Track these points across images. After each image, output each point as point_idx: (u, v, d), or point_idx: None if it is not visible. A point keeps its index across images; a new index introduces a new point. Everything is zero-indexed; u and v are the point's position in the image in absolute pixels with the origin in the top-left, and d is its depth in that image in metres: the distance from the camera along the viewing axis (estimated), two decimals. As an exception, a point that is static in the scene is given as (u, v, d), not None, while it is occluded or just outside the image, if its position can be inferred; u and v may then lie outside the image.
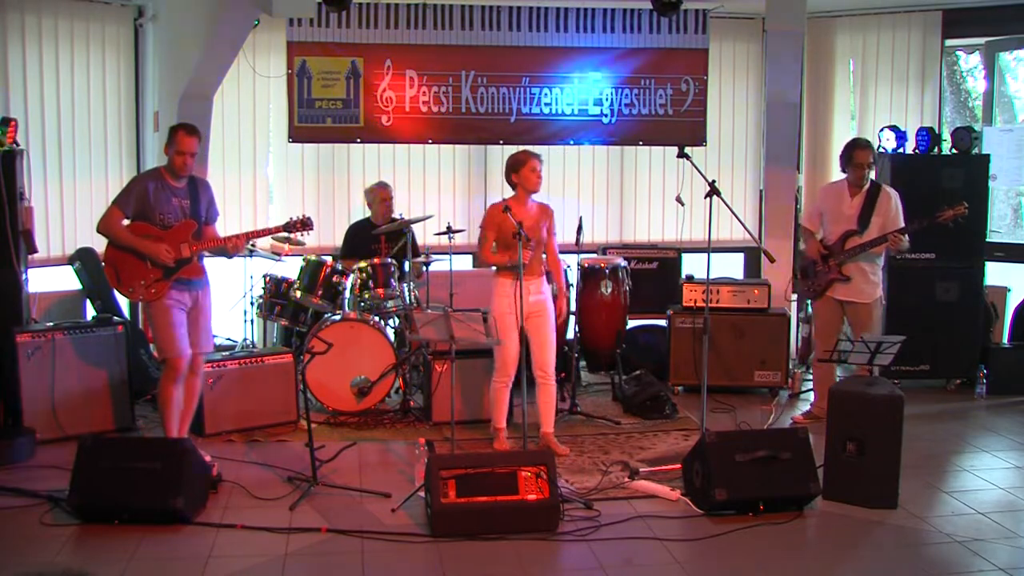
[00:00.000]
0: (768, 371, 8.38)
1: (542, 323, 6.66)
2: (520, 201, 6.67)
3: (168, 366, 6.24)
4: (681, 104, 9.61)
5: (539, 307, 6.66)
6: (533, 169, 6.59)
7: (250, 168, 9.27)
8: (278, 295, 8.11)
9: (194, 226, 6.27)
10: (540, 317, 6.65)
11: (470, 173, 9.74)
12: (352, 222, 9.00)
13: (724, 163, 9.99)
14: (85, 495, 5.48)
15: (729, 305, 8.45)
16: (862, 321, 7.33)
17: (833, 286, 7.41)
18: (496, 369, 6.65)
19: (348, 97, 9.10)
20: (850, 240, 7.32)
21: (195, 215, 6.30)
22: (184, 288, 6.28)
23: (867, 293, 7.32)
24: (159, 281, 6.19)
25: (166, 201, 6.22)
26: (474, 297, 8.32)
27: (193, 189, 6.33)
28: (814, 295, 7.57)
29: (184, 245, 6.22)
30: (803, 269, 7.66)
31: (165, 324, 6.21)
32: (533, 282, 6.61)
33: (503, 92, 9.38)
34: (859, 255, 7.27)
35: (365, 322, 7.69)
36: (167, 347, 6.22)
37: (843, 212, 7.37)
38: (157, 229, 6.19)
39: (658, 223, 10.05)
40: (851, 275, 7.32)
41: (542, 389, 6.75)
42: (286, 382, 7.44)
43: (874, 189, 7.34)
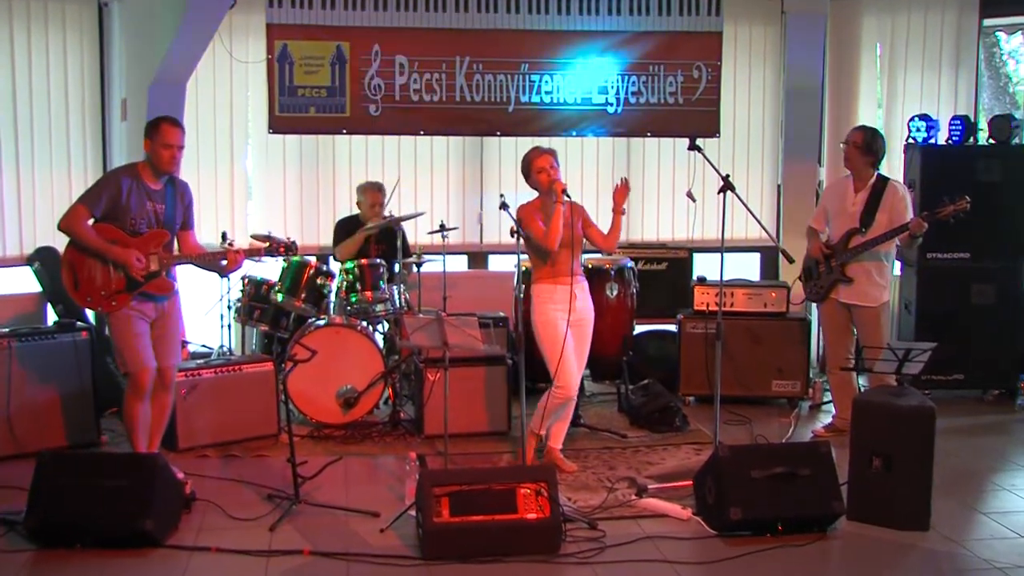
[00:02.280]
0: (786, 380, 8.37)
1: (583, 333, 6.67)
2: (544, 202, 6.66)
3: (132, 380, 6.19)
4: (693, 92, 9.59)
5: (585, 313, 6.68)
6: (540, 169, 6.58)
7: (227, 161, 9.24)
8: (258, 298, 8.09)
9: (166, 236, 6.19)
10: (582, 327, 6.66)
11: (465, 167, 9.73)
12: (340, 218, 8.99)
13: (739, 156, 9.98)
14: (43, 517, 5.43)
15: (744, 309, 8.45)
16: (867, 327, 7.35)
17: (836, 288, 7.43)
18: (555, 386, 6.55)
19: (333, 85, 9.07)
20: (854, 239, 7.34)
21: (168, 223, 6.21)
22: (148, 300, 6.20)
23: (871, 296, 7.33)
24: (121, 293, 6.11)
25: (140, 204, 6.12)
26: (469, 300, 8.34)
27: (171, 192, 6.23)
28: (817, 298, 7.60)
29: (154, 256, 6.14)
30: (807, 270, 7.69)
31: (126, 335, 6.14)
32: (578, 285, 6.60)
33: (500, 79, 9.37)
34: (863, 254, 7.26)
35: (352, 327, 7.69)
36: (129, 360, 6.15)
37: (846, 209, 7.41)
38: (125, 235, 6.10)
39: (668, 221, 10.03)
40: (854, 276, 7.34)
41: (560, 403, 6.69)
42: (266, 392, 7.43)
43: (880, 184, 7.35)
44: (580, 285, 6.62)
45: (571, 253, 6.56)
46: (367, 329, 7.84)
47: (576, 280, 6.57)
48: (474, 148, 9.73)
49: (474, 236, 9.75)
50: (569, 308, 6.45)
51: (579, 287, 6.60)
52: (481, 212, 9.71)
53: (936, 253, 8.39)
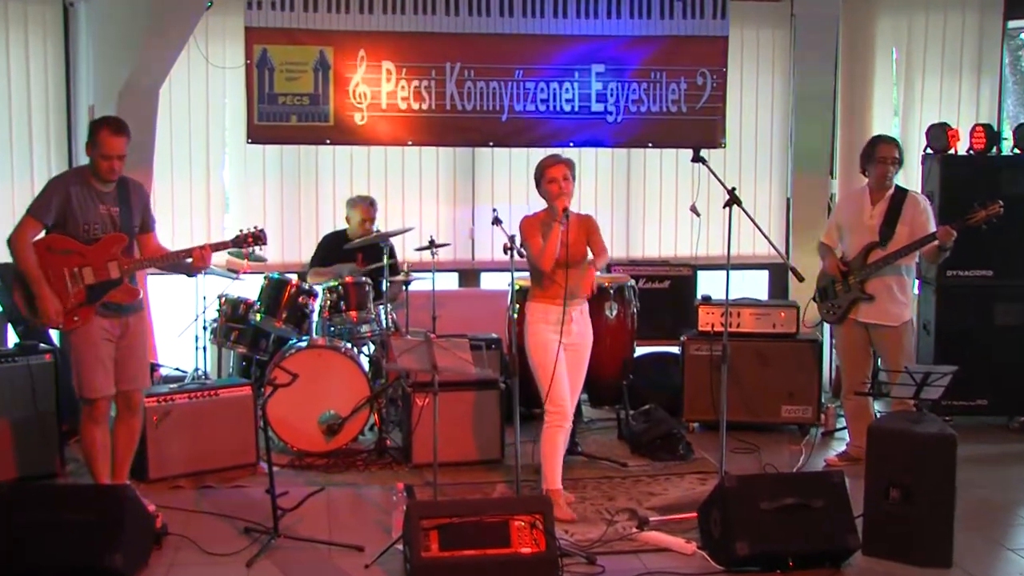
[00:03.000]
0: (797, 405, 8.36)
1: (580, 357, 6.61)
2: (552, 214, 6.55)
3: (87, 406, 6.16)
4: (697, 100, 9.59)
5: (581, 338, 6.61)
6: (551, 179, 6.49)
7: (203, 172, 9.23)
8: (235, 318, 8.08)
9: (124, 240, 6.17)
10: (578, 352, 6.59)
11: (456, 180, 9.72)
12: (324, 233, 9.02)
13: (746, 168, 10.00)
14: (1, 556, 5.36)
15: (752, 330, 8.45)
16: (889, 348, 7.33)
17: (856, 307, 7.41)
18: (547, 411, 6.52)
19: (316, 92, 9.06)
20: (873, 253, 7.33)
21: (126, 226, 6.19)
22: (112, 314, 6.17)
23: (894, 314, 7.31)
24: (82, 306, 6.07)
25: (91, 209, 6.09)
26: (460, 321, 8.30)
27: (124, 193, 6.20)
28: (835, 319, 7.57)
29: (112, 263, 6.11)
30: (822, 290, 7.68)
31: (86, 357, 6.11)
32: (575, 309, 6.53)
33: (493, 87, 9.36)
34: (885, 268, 7.24)
35: (335, 349, 7.69)
36: (86, 384, 6.12)
37: (863, 222, 7.40)
38: (79, 243, 6.07)
39: (670, 236, 10.03)
40: (875, 293, 7.31)
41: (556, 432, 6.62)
42: (244, 419, 7.39)
43: (899, 195, 7.36)
44: (579, 307, 6.57)
45: (569, 273, 6.42)
46: (352, 351, 7.82)
47: (574, 303, 6.50)
48: (465, 159, 9.72)
49: (465, 253, 9.73)
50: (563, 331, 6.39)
51: (577, 309, 6.54)
52: (473, 227, 9.70)
53: (957, 270, 8.36)
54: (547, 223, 6.47)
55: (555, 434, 6.48)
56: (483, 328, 8.15)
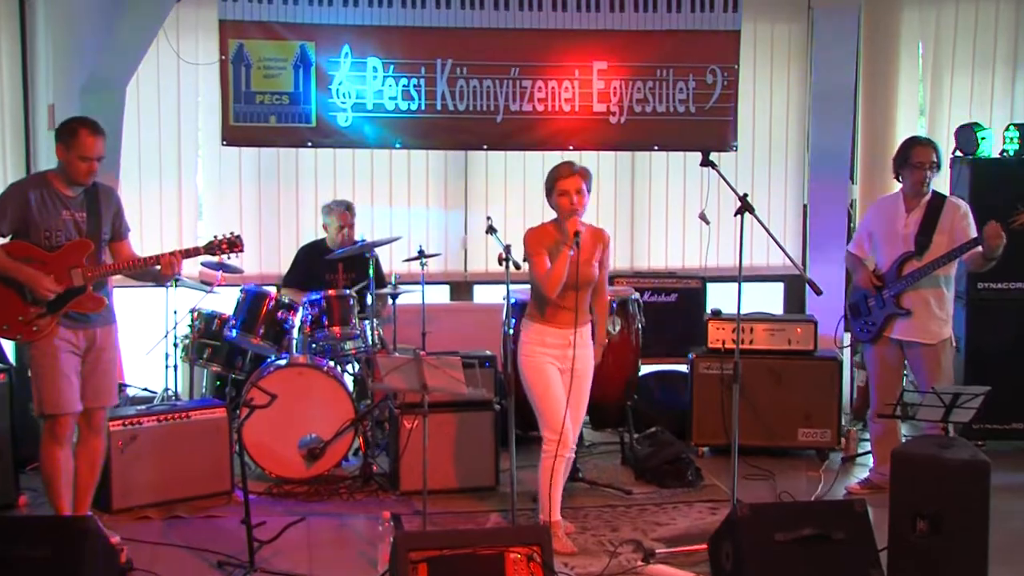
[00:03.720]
0: (815, 428, 8.33)
1: (581, 381, 6.51)
2: (559, 227, 6.44)
3: (49, 425, 6.12)
4: (706, 100, 9.56)
5: (582, 362, 6.48)
6: (563, 192, 6.34)
7: (174, 177, 9.23)
8: (209, 334, 8.08)
9: (90, 247, 6.16)
10: (580, 375, 6.48)
11: (447, 185, 9.73)
12: (303, 244, 9.01)
13: (759, 172, 10.01)
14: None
15: (766, 347, 8.44)
16: (926, 367, 7.30)
17: (892, 323, 7.36)
18: (545, 438, 6.44)
19: (296, 91, 9.04)
20: (907, 264, 7.30)
21: (94, 232, 6.19)
22: (77, 325, 6.15)
23: (931, 331, 7.28)
24: (43, 316, 6.05)
25: (54, 214, 6.09)
26: (452, 337, 8.31)
27: (92, 199, 6.22)
28: (870, 337, 7.52)
29: (76, 271, 6.09)
30: (854, 306, 7.63)
31: (49, 371, 6.07)
32: (579, 331, 6.42)
33: (487, 85, 9.35)
34: (922, 280, 7.21)
35: (317, 368, 7.68)
36: (48, 400, 6.08)
37: (897, 231, 7.37)
38: (40, 250, 6.06)
39: (677, 246, 10.04)
40: (911, 308, 7.28)
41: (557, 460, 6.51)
42: (218, 443, 7.36)
43: (936, 201, 7.32)
44: (582, 331, 6.46)
45: (579, 296, 6.35)
46: (335, 370, 7.82)
47: (579, 330, 6.40)
48: (458, 163, 9.72)
49: (457, 264, 9.74)
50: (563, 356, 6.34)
51: (579, 333, 6.41)
52: (465, 236, 9.73)
53: (988, 283, 8.32)
54: (558, 240, 6.34)
55: (553, 464, 6.41)
56: (476, 345, 8.12)
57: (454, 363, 6.12)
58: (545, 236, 6.40)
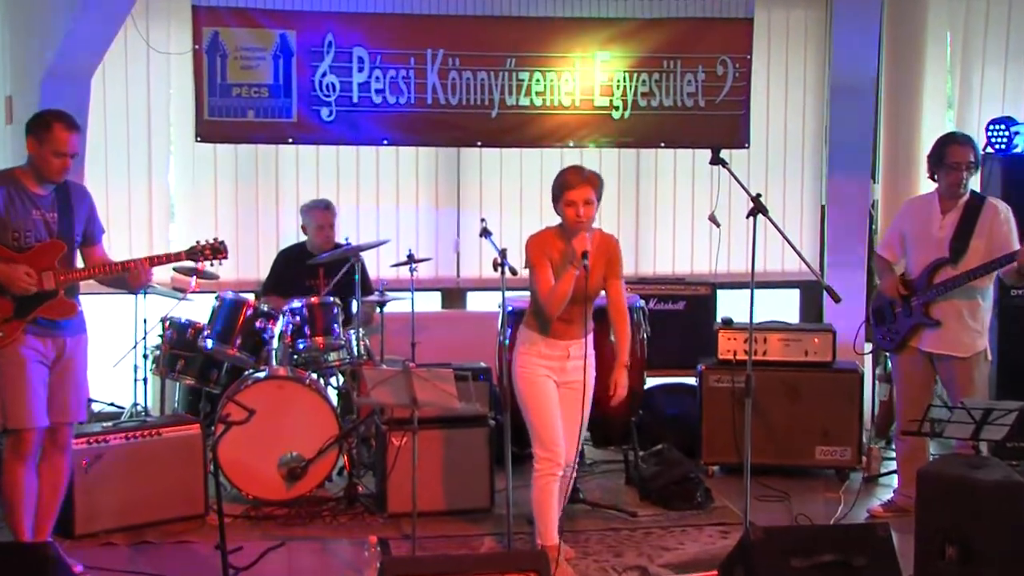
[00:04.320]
0: (834, 446, 8.31)
1: (574, 398, 6.46)
2: (564, 236, 6.39)
3: (13, 440, 6.11)
4: (717, 93, 9.59)
5: (576, 375, 6.44)
6: (570, 203, 6.25)
7: (143, 176, 9.23)
8: (182, 345, 8.07)
9: (62, 248, 6.16)
10: (573, 391, 6.46)
11: (438, 185, 9.75)
12: (282, 248, 9.01)
13: (773, 170, 10.03)
14: None
15: (781, 358, 8.43)
16: (958, 382, 7.27)
17: (918, 334, 7.35)
18: (537, 456, 6.42)
19: (276, 83, 9.06)
20: (940, 271, 7.27)
21: (65, 233, 6.19)
22: (46, 333, 6.14)
23: (964, 344, 7.25)
24: (8, 321, 6.03)
25: (23, 214, 6.09)
26: (443, 347, 8.32)
27: (63, 198, 6.22)
28: (893, 346, 7.51)
29: (48, 273, 6.07)
30: (878, 311, 7.62)
31: (14, 381, 6.04)
32: (572, 344, 6.41)
33: (481, 78, 9.38)
34: (954, 291, 7.19)
35: (299, 381, 7.67)
36: (13, 413, 6.06)
37: (931, 234, 7.34)
38: (9, 251, 6.06)
39: (685, 250, 10.06)
40: (942, 319, 7.25)
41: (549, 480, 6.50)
42: (191, 462, 7.33)
43: (975, 202, 7.30)
44: (578, 344, 6.42)
45: (582, 310, 6.33)
46: (317, 383, 7.81)
47: (580, 341, 6.38)
48: (450, 161, 9.74)
49: (449, 269, 9.75)
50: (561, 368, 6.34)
51: (574, 346, 6.40)
52: (458, 240, 9.74)
53: (1020, 290, 8.31)
54: (563, 250, 6.28)
55: (547, 484, 6.39)
56: (470, 356, 8.13)
57: (445, 376, 6.10)
58: (548, 244, 6.34)
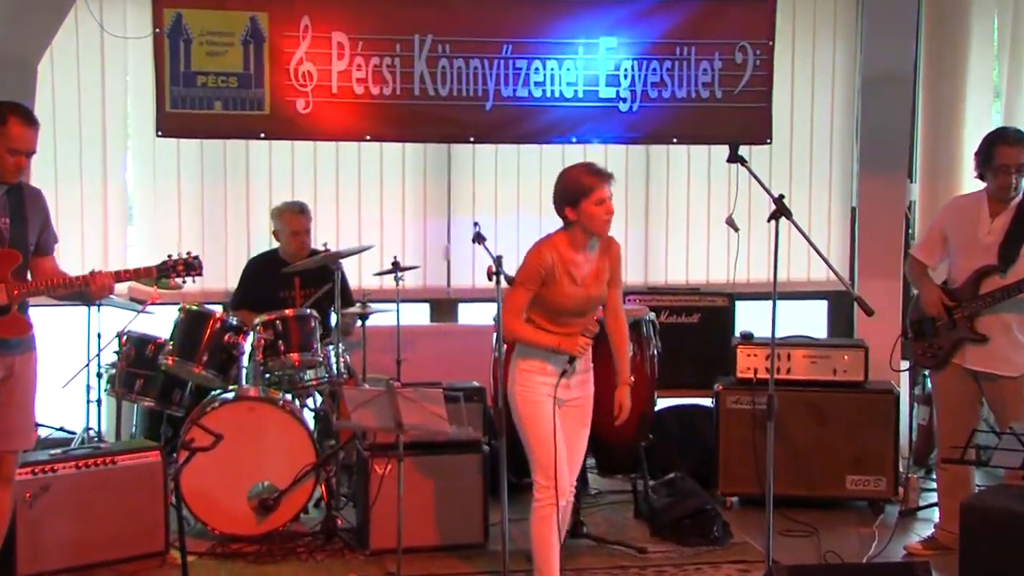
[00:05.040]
0: (867, 475, 8.31)
1: (583, 415, 6.53)
2: (576, 243, 6.37)
3: None
4: (735, 83, 9.56)
5: (582, 393, 6.51)
6: (601, 200, 6.25)
7: (97, 174, 9.25)
8: (140, 363, 8.03)
9: (16, 258, 6.12)
10: (580, 409, 6.51)
11: (427, 185, 9.78)
12: (253, 255, 9.01)
13: (798, 169, 10.08)
14: None
15: (806, 377, 8.45)
16: (1007, 404, 7.26)
17: (962, 350, 7.33)
18: (537, 485, 6.41)
19: (246, 71, 8.99)
20: (987, 281, 7.26)
21: (19, 241, 6.15)
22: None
23: (1013, 362, 7.25)
24: None
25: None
26: (432, 365, 8.43)
27: (17, 202, 6.18)
28: (934, 363, 7.49)
29: (0, 286, 6.04)
30: (916, 324, 7.60)
31: None
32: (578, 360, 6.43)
33: (474, 66, 9.34)
34: (1003, 303, 7.18)
35: (271, 403, 7.67)
36: None
37: (978, 239, 7.33)
38: None
39: (700, 257, 10.10)
40: (988, 333, 7.24)
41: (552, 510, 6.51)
42: (150, 494, 7.29)
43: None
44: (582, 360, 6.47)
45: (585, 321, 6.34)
46: (292, 405, 7.81)
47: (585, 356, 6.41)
48: (439, 159, 9.77)
49: (439, 278, 9.77)
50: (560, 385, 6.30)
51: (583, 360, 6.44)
52: (448, 245, 9.75)
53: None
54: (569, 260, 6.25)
55: (548, 516, 6.38)
56: (462, 374, 8.10)
57: (435, 396, 6.14)
58: (544, 264, 6.26)
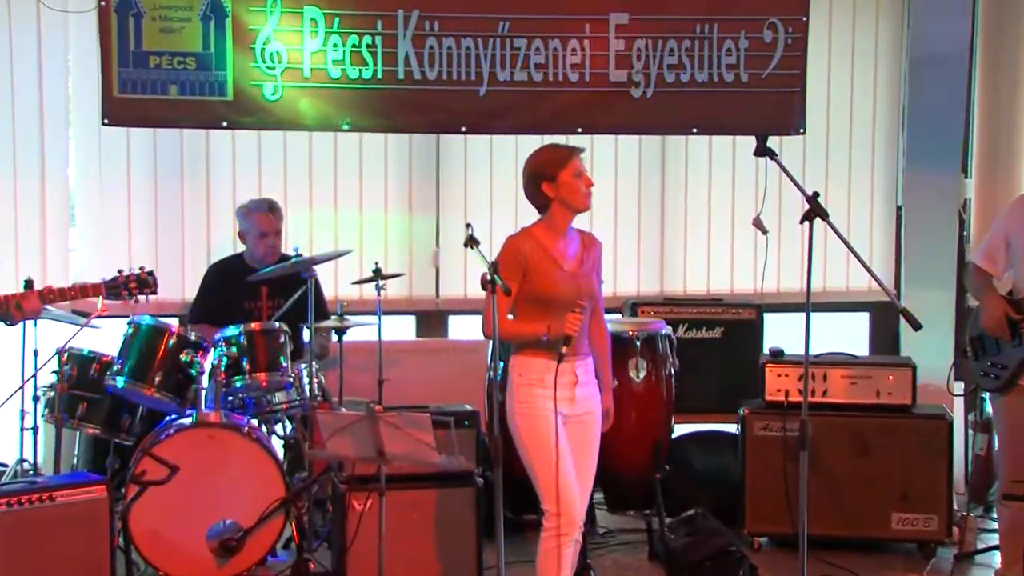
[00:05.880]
0: (916, 513, 8.28)
1: (589, 435, 6.56)
2: (555, 228, 6.48)
3: None
4: (764, 65, 9.51)
5: (587, 406, 6.54)
6: (579, 172, 6.39)
7: (34, 169, 9.23)
8: (84, 384, 7.98)
9: None
10: (585, 425, 6.54)
11: (412, 181, 9.81)
12: (215, 260, 9.03)
13: (836, 163, 10.10)
14: None
15: (846, 400, 8.45)
16: None
17: None
18: (546, 513, 6.43)
19: (206, 51, 8.93)
20: None
21: None
22: None
23: None
24: None
25: None
26: (419, 386, 8.42)
27: None
28: (997, 385, 7.49)
29: None
30: (976, 340, 7.61)
31: None
32: (580, 364, 6.47)
33: (466, 46, 9.31)
34: None
35: (235, 429, 7.64)
36: None
37: None
38: None
39: (724, 263, 10.14)
40: None
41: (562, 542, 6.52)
42: (94, 534, 7.17)
43: None
44: (584, 364, 6.52)
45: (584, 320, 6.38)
46: (259, 432, 7.82)
47: (580, 360, 6.45)
48: (427, 151, 9.80)
49: (426, 287, 9.80)
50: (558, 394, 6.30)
51: (582, 367, 6.49)
52: (437, 250, 9.76)
53: None
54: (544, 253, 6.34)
55: (557, 548, 6.38)
56: (452, 397, 8.19)
57: (422, 422, 6.08)
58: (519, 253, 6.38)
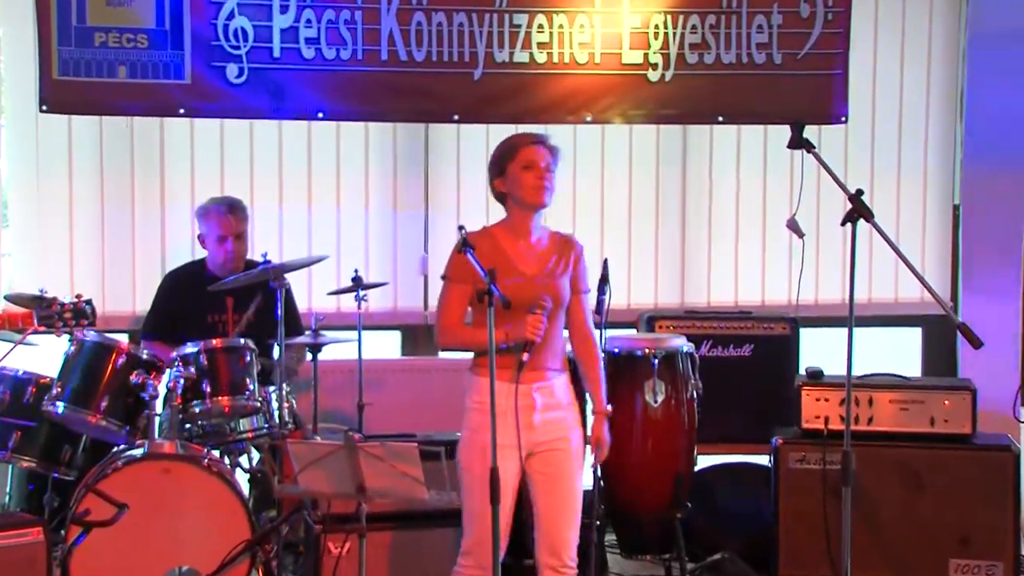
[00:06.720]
0: (978, 560, 8.22)
1: (559, 466, 6.54)
2: (515, 228, 6.53)
3: None
4: (799, 45, 9.53)
5: (553, 434, 6.51)
6: (529, 164, 6.41)
7: None
8: (17, 410, 7.99)
9: None
10: (555, 454, 6.53)
11: (397, 176, 9.82)
12: (171, 268, 9.03)
13: (882, 157, 10.09)
14: None
15: (895, 428, 8.38)
16: None
17: None
18: (462, 551, 6.51)
19: (160, 26, 8.94)
20: None
21: None
22: None
23: None
24: None
25: None
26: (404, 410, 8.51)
27: None
28: None
29: None
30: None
31: None
32: (541, 386, 6.43)
33: (459, 23, 9.34)
34: None
35: (193, 461, 7.59)
36: None
37: None
38: None
39: (754, 271, 10.13)
40: None
41: None
42: (31, 581, 7.20)
43: None
44: (546, 387, 6.49)
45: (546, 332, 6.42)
46: (221, 464, 7.80)
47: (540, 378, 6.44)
48: (414, 143, 9.81)
49: (413, 297, 9.82)
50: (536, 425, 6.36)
51: (542, 391, 6.47)
52: (426, 256, 9.76)
53: None
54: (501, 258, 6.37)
55: None
56: (442, 424, 8.06)
57: (407, 453, 6.04)
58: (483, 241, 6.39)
